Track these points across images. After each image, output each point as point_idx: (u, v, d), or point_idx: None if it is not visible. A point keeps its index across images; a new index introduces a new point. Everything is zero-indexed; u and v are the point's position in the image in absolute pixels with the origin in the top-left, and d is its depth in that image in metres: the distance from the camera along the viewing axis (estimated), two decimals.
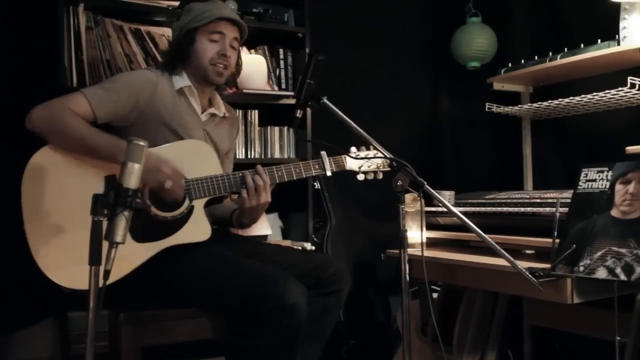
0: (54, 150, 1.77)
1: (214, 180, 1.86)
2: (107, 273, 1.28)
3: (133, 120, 1.89)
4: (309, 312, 1.72)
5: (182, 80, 2.00)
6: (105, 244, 1.30)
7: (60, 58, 2.33)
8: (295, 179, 1.95)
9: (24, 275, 1.75)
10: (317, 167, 1.97)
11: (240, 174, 1.89)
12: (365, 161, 2.02)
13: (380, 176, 2.05)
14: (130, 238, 1.68)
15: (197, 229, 1.82)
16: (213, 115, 2.09)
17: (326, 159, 1.98)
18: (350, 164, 2.02)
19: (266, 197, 1.89)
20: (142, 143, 1.35)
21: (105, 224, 1.30)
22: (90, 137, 1.76)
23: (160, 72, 1.99)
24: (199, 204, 1.84)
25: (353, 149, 2.04)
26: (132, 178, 1.33)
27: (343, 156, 2.01)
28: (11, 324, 2.43)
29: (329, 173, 1.98)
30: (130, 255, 1.69)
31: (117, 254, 1.30)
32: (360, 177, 2.04)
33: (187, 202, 1.82)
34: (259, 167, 1.90)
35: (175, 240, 1.79)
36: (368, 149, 2.04)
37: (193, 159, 1.87)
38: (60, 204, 1.73)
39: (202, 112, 2.05)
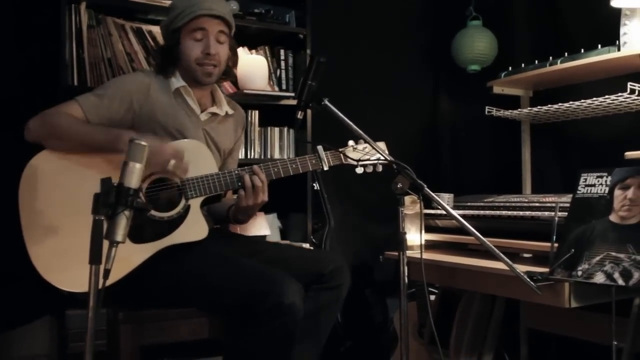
0: (51, 154, 1.78)
1: (209, 179, 1.85)
2: (107, 272, 1.28)
3: (130, 123, 1.89)
4: (308, 307, 1.73)
5: (177, 81, 1.99)
6: (105, 244, 1.30)
7: (62, 56, 2.33)
8: (292, 174, 1.94)
9: (21, 273, 1.74)
10: (313, 161, 1.97)
11: (236, 172, 1.88)
12: (363, 154, 2.00)
13: (380, 169, 2.01)
14: (128, 239, 1.68)
15: (194, 228, 1.82)
16: (214, 114, 2.08)
17: (323, 154, 1.97)
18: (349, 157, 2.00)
19: (263, 196, 1.89)
20: (143, 143, 1.35)
21: (105, 223, 1.31)
22: (86, 131, 1.79)
23: (154, 73, 1.99)
24: (195, 203, 1.84)
25: (351, 142, 2.03)
26: (134, 177, 1.33)
27: (341, 153, 1.99)
28: (8, 321, 2.43)
29: (326, 167, 1.97)
30: (127, 256, 1.69)
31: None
32: (359, 170, 2.01)
33: (183, 202, 1.82)
34: (255, 167, 1.89)
35: (172, 240, 1.79)
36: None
37: (188, 159, 1.86)
38: (58, 208, 1.73)
39: (202, 112, 2.04)
